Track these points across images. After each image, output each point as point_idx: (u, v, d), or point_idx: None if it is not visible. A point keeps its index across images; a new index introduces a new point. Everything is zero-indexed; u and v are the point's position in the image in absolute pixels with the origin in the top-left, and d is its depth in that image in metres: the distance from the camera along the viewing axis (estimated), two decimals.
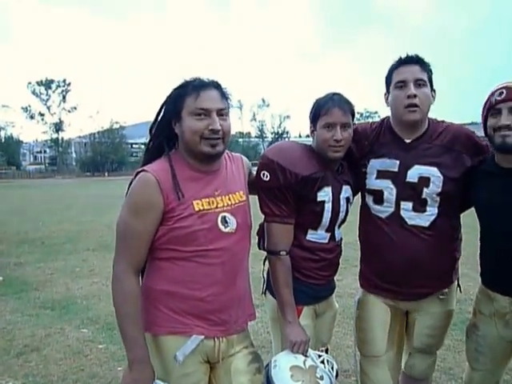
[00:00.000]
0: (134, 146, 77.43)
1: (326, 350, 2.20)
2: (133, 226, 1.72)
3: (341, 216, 2.15)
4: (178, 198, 1.72)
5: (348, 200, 2.17)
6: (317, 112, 2.05)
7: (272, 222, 2.07)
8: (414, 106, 2.03)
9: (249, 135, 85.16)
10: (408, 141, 2.12)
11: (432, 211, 2.09)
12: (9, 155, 71.14)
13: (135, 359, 1.70)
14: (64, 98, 72.45)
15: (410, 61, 2.09)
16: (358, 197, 2.29)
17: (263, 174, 2.03)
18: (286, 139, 66.50)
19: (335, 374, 1.97)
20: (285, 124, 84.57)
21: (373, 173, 2.16)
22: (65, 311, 5.22)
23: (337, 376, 1.99)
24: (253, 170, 2.10)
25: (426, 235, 2.09)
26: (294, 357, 1.98)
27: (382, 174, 2.13)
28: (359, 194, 2.28)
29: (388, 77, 2.15)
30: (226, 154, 1.94)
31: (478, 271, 2.18)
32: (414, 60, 2.09)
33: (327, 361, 1.99)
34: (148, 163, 1.81)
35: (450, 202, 2.11)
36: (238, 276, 1.87)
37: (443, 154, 2.08)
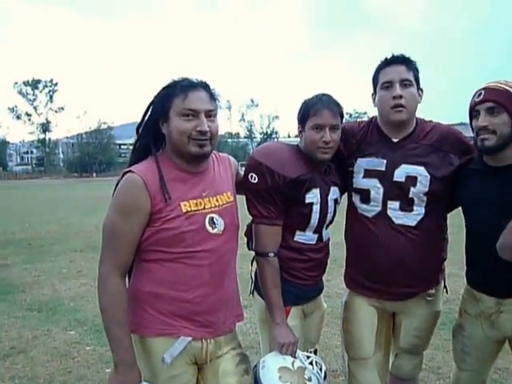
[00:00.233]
0: (122, 146, 76.83)
1: (315, 351, 2.20)
2: (119, 226, 1.70)
3: (328, 217, 2.15)
4: (164, 200, 1.70)
5: (336, 201, 2.17)
6: (305, 113, 2.04)
7: (260, 223, 2.06)
8: (400, 106, 2.04)
9: (238, 135, 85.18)
10: (395, 140, 2.12)
11: (419, 211, 2.09)
12: None
13: (121, 361, 1.69)
14: (51, 98, 72.19)
15: (396, 61, 2.09)
16: (345, 197, 2.29)
17: (251, 176, 2.02)
18: (275, 139, 66.70)
19: (324, 375, 1.97)
20: (274, 124, 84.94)
21: (360, 172, 2.16)
22: (52, 313, 5.17)
23: (325, 377, 1.99)
24: (240, 170, 2.09)
25: (412, 235, 2.10)
26: (283, 358, 1.97)
27: (369, 173, 2.13)
28: (346, 194, 2.27)
29: (375, 77, 2.16)
30: (213, 155, 1.93)
31: None
32: (400, 60, 2.09)
33: (316, 362, 1.99)
34: (135, 163, 1.79)
35: (437, 201, 2.11)
36: (226, 277, 1.86)
37: (430, 153, 2.09)
